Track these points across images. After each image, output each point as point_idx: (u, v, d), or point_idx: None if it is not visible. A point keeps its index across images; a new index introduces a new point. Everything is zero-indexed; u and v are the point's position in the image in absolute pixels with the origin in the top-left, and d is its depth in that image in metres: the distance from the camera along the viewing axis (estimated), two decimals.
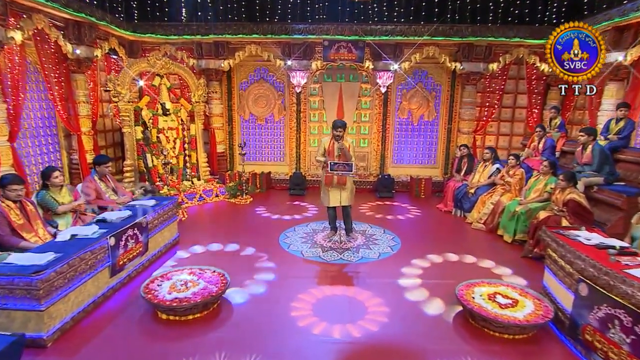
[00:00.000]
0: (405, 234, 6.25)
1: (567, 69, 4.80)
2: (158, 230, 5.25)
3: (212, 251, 5.49)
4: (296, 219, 7.00)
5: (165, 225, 5.46)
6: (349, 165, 5.32)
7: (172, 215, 5.66)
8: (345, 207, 5.68)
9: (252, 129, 9.43)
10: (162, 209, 5.37)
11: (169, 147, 7.83)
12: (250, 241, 5.82)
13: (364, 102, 9.12)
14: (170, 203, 5.63)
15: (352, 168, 5.33)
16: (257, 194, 8.68)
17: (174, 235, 5.73)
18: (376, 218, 7.06)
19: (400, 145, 9.30)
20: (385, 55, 8.24)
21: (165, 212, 5.46)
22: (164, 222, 5.40)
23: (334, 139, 5.44)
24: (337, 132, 5.36)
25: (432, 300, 4.21)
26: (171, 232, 5.65)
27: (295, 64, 8.42)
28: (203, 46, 8.43)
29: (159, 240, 5.31)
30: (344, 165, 5.35)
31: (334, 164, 5.36)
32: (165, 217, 5.44)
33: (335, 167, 5.37)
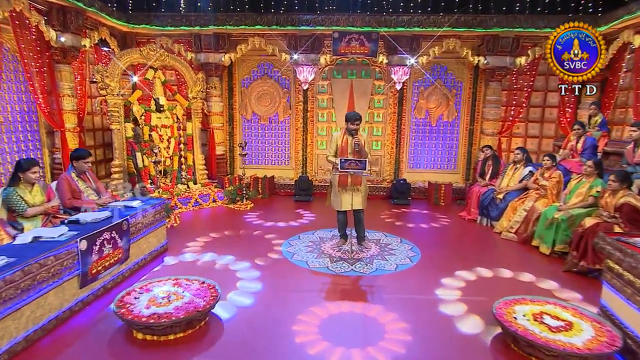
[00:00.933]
0: (425, 243, 5.74)
1: (567, 69, 4.93)
2: (142, 235, 4.77)
3: (204, 260, 5.04)
4: (301, 225, 6.55)
5: (152, 229, 4.98)
6: (362, 162, 4.81)
7: (160, 219, 5.19)
8: (358, 211, 5.22)
9: (255, 129, 9.06)
10: (149, 211, 4.91)
11: (162, 146, 7.41)
12: (248, 249, 5.39)
13: (377, 101, 8.73)
14: (158, 205, 5.16)
15: (366, 165, 4.82)
16: (259, 200, 8.26)
17: (161, 242, 5.24)
18: (391, 226, 6.60)
19: (416, 148, 8.87)
20: (400, 48, 7.83)
21: (152, 214, 4.99)
22: (150, 226, 4.93)
23: (347, 134, 5.03)
24: (353, 126, 4.93)
25: (463, 319, 3.65)
26: (159, 238, 5.17)
27: (302, 59, 8.04)
28: (202, 38, 8.08)
29: (144, 246, 4.82)
30: (357, 162, 4.84)
31: (344, 160, 4.85)
32: (151, 220, 4.97)
33: (347, 165, 4.86)
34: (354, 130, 4.94)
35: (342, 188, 5.09)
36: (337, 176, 5.09)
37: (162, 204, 5.25)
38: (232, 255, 5.18)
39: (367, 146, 5.09)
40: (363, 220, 5.32)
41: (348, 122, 4.97)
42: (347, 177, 4.99)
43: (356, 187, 5.05)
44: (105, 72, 6.62)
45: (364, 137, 5.12)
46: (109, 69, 6.69)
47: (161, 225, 5.24)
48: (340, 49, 7.84)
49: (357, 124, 4.94)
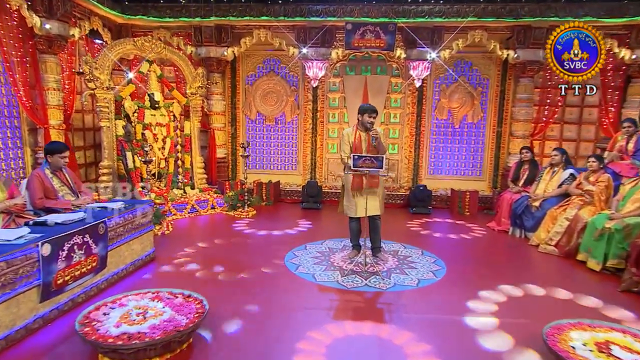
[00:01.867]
0: (450, 256, 5.23)
1: (567, 69, 5.10)
2: (124, 241, 4.34)
3: (196, 271, 4.61)
4: (308, 234, 6.10)
5: (136, 235, 4.56)
6: (378, 159, 4.33)
7: (146, 224, 4.77)
8: (374, 218, 4.79)
9: (260, 130, 8.71)
10: (133, 214, 4.48)
11: (156, 146, 7.04)
12: (246, 260, 4.96)
13: (393, 100, 8.35)
14: (144, 207, 4.72)
15: (383, 164, 4.33)
16: (262, 207, 7.85)
17: (147, 250, 4.82)
18: (411, 236, 6.12)
19: (437, 152, 8.44)
20: (420, 41, 7.43)
21: (137, 218, 4.56)
22: (133, 231, 4.51)
23: (360, 129, 4.66)
24: (370, 119, 4.56)
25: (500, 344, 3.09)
26: (144, 245, 4.74)
27: (312, 53, 7.68)
28: (203, 31, 7.78)
29: (125, 254, 4.38)
30: (372, 159, 4.36)
31: (358, 157, 4.39)
32: (136, 225, 4.55)
33: (361, 163, 4.39)
34: (370, 124, 4.55)
35: (357, 191, 4.67)
36: (350, 177, 4.69)
37: (148, 207, 4.81)
38: (226, 265, 4.74)
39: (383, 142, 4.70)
40: (379, 228, 4.89)
41: (364, 114, 4.60)
42: (362, 178, 4.58)
43: (373, 190, 4.63)
44: (94, 64, 6.29)
45: (380, 132, 4.73)
46: (98, 60, 6.37)
47: (147, 231, 4.81)
48: (353, 42, 7.46)
49: (373, 117, 4.58)
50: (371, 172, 4.46)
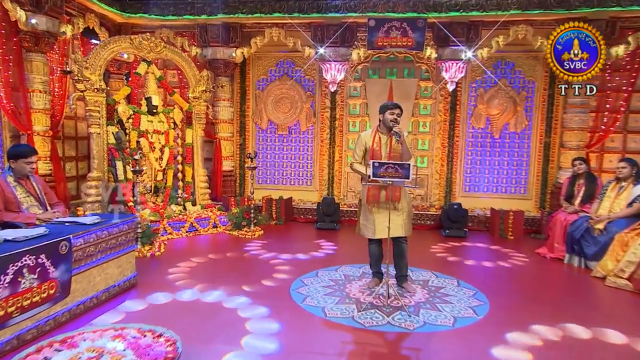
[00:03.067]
0: (493, 289, 4.57)
1: (567, 69, 5.27)
2: (95, 264, 3.85)
3: (184, 301, 4.08)
4: (321, 259, 5.57)
5: (112, 257, 4.08)
6: (403, 167, 3.75)
7: (126, 243, 4.28)
8: (398, 240, 4.25)
9: (271, 141, 8.38)
10: (108, 231, 3.97)
11: (152, 156, 6.62)
12: (244, 289, 4.39)
13: (423, 107, 7.93)
14: (124, 223, 4.23)
15: (409, 173, 3.74)
16: (272, 227, 7.39)
17: (127, 275, 4.32)
18: (444, 263, 5.51)
19: (474, 166, 7.91)
20: (454, 38, 6.95)
21: (115, 236, 4.06)
22: (109, 251, 4.03)
23: (381, 132, 4.20)
24: (392, 116, 4.09)
25: None
26: (123, 268, 4.24)
27: (330, 54, 7.31)
28: (209, 30, 7.51)
29: (97, 279, 3.88)
30: (397, 167, 3.77)
31: (379, 165, 3.82)
32: (113, 243, 4.06)
33: (382, 171, 3.82)
34: (394, 121, 4.07)
35: (375, 206, 4.16)
36: (367, 189, 4.17)
37: (130, 223, 4.31)
38: (219, 295, 4.21)
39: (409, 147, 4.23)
40: (406, 253, 4.33)
41: (385, 111, 4.14)
42: (379, 189, 4.09)
43: (395, 205, 4.10)
44: (84, 63, 5.94)
45: (406, 134, 4.27)
46: (89, 58, 6.03)
47: (128, 251, 4.31)
48: (377, 41, 7.07)
49: (397, 114, 4.10)
50: (395, 183, 3.88)
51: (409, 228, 4.23)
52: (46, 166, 6.17)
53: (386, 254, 4.13)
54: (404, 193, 4.21)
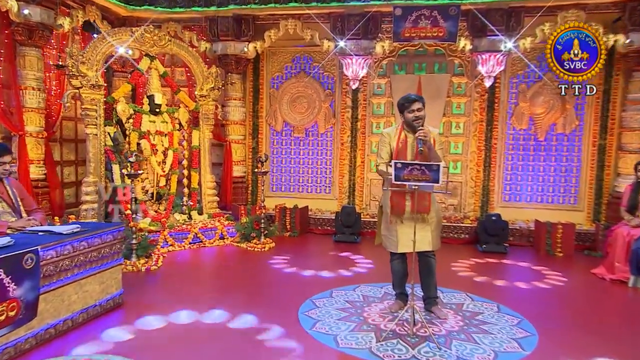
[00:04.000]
0: (541, 316, 4.05)
1: (567, 69, 5.52)
2: (71, 280, 3.52)
3: (178, 324, 3.73)
4: (338, 277, 5.15)
5: (93, 271, 3.75)
6: (432, 169, 3.32)
7: (110, 256, 3.96)
8: (426, 256, 3.88)
9: (287, 144, 8.18)
10: (88, 242, 3.65)
11: (154, 160, 6.36)
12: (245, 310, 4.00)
13: (456, 105, 7.58)
14: (108, 233, 3.91)
15: (439, 175, 3.30)
16: (285, 239, 7.09)
17: (112, 292, 4.00)
18: (480, 284, 5.03)
19: (515, 173, 7.50)
20: (492, 27, 6.56)
21: (96, 247, 3.75)
22: (89, 265, 3.71)
23: (406, 130, 3.84)
24: (411, 114, 3.72)
25: None
26: (106, 285, 3.92)
27: (352, 47, 7.05)
28: (219, 23, 7.33)
29: (73, 298, 3.55)
30: (422, 168, 3.33)
31: (403, 166, 3.40)
32: (93, 256, 3.74)
33: (406, 174, 3.39)
34: (416, 121, 3.70)
35: (398, 216, 3.79)
36: (389, 195, 3.80)
37: (116, 233, 3.97)
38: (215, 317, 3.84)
39: (438, 144, 3.86)
40: (434, 271, 3.93)
41: (403, 109, 3.80)
42: (404, 196, 3.73)
43: (422, 216, 3.73)
44: (80, 57, 5.72)
45: (435, 134, 3.89)
46: (86, 52, 5.82)
47: (113, 265, 3.99)
48: (404, 33, 6.78)
49: (418, 110, 3.73)
50: (422, 188, 3.44)
51: (437, 242, 3.86)
52: (39, 170, 6.02)
53: (412, 272, 3.67)
54: (433, 201, 3.80)
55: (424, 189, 3.48)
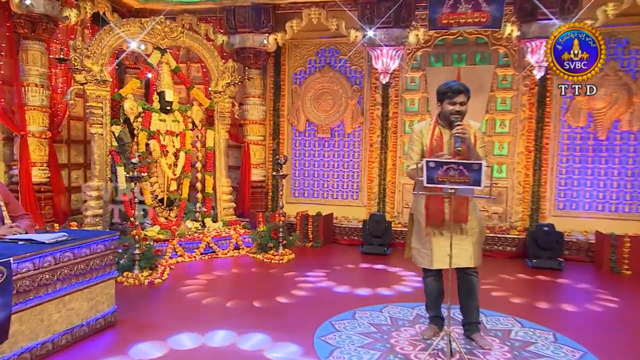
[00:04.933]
0: (610, 350, 3.59)
1: (567, 69, 5.67)
2: (52, 296, 3.24)
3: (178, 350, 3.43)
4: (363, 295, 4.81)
5: (80, 286, 3.49)
6: (471, 169, 2.97)
7: (102, 268, 3.72)
8: (466, 273, 3.55)
9: (310, 145, 8.01)
10: (73, 252, 3.42)
11: (164, 162, 6.22)
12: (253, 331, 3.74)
13: (501, 101, 7.29)
14: (99, 242, 3.69)
15: (481, 176, 2.92)
16: (307, 249, 6.92)
17: (103, 310, 3.75)
18: (531, 307, 4.62)
19: (571, 177, 7.16)
20: (545, 9, 6.20)
21: (82, 259, 3.52)
22: (76, 279, 3.44)
23: (441, 124, 3.50)
24: (452, 106, 3.35)
25: None
26: (97, 301, 3.68)
27: (382, 37, 6.80)
28: (237, 13, 7.21)
29: (55, 317, 3.30)
30: (462, 168, 2.96)
31: (435, 165, 3.02)
32: (79, 269, 3.50)
33: (441, 175, 3.06)
34: (455, 115, 3.34)
35: (434, 226, 3.44)
36: (422, 202, 3.47)
37: (108, 242, 3.73)
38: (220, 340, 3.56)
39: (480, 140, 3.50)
40: (476, 291, 3.59)
41: (443, 99, 3.44)
42: (442, 203, 3.34)
43: (460, 226, 3.38)
44: (85, 50, 5.61)
45: (476, 129, 3.53)
46: (91, 45, 5.72)
47: (104, 279, 3.74)
48: (441, 19, 6.55)
49: (460, 102, 3.38)
50: (460, 191, 3.06)
51: (479, 256, 3.48)
52: (42, 173, 5.93)
53: (449, 291, 3.28)
54: (473, 208, 3.41)
55: (462, 192, 3.06)
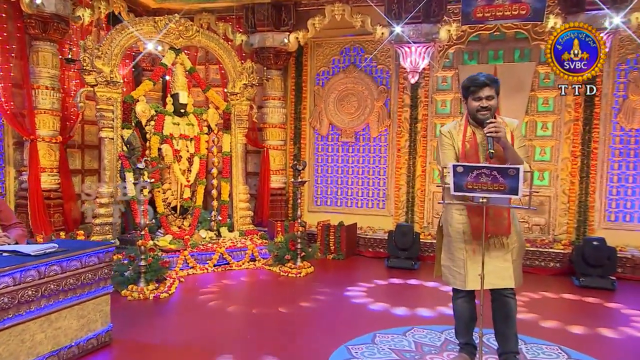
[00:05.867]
0: None
1: (567, 69, 5.87)
2: (36, 314, 3.01)
3: None
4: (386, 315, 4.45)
5: (68, 302, 3.25)
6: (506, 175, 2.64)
7: (96, 283, 3.49)
8: (502, 294, 3.14)
9: (333, 150, 7.78)
10: (61, 266, 3.20)
11: (177, 168, 6.04)
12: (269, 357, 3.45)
13: (543, 101, 6.94)
14: (92, 254, 3.46)
15: (519, 183, 2.56)
16: (327, 262, 6.63)
17: (96, 330, 3.51)
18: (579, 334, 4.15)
19: (624, 185, 6.70)
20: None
21: (72, 273, 3.30)
22: (64, 295, 3.21)
23: (472, 123, 3.10)
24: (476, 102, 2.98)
25: None
26: (88, 320, 3.45)
27: (410, 33, 6.52)
28: (256, 11, 7.06)
29: (39, 338, 3.08)
30: (496, 173, 2.60)
31: (465, 170, 2.67)
32: (69, 284, 3.28)
33: (470, 181, 2.71)
34: (482, 112, 2.98)
35: (467, 241, 3.06)
36: (454, 214, 3.11)
37: (102, 254, 3.50)
38: None
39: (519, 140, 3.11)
40: (514, 316, 3.19)
41: (467, 94, 3.06)
42: (481, 213, 2.86)
43: (501, 240, 3.01)
44: (96, 51, 5.49)
45: (514, 127, 3.12)
46: (102, 45, 5.61)
47: (98, 294, 3.51)
48: (475, 13, 6.30)
49: (489, 99, 2.98)
50: (494, 201, 2.70)
51: (519, 275, 3.07)
52: (52, 179, 5.83)
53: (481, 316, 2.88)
54: (513, 218, 3.00)
55: (496, 202, 2.67)
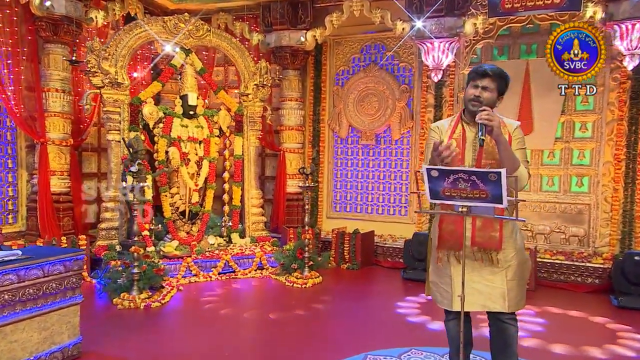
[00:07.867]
0: None
1: (567, 69, 5.90)
2: None
3: None
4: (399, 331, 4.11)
5: (29, 313, 3.08)
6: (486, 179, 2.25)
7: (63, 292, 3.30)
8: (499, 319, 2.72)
9: (353, 153, 7.40)
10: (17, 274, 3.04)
11: (185, 171, 5.86)
12: None
13: (581, 100, 6.34)
14: (58, 262, 3.27)
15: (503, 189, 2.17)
16: (340, 271, 6.26)
17: (62, 342, 3.31)
18: None
19: None
20: None
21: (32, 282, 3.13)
22: (24, 306, 3.05)
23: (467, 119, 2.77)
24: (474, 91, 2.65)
25: None
26: (52, 332, 3.25)
27: (433, 27, 6.15)
28: (273, 9, 6.79)
29: None
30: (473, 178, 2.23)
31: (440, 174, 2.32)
32: (29, 294, 3.11)
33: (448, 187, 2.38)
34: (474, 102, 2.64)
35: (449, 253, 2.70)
36: (435, 223, 2.82)
37: (70, 262, 3.30)
38: None
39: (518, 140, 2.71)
40: (514, 345, 2.78)
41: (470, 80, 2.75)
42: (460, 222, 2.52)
43: (489, 254, 2.62)
44: (103, 52, 5.40)
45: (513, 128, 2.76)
46: (109, 46, 5.50)
47: (63, 305, 3.32)
48: (504, 4, 5.94)
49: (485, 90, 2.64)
50: (475, 210, 2.30)
51: (517, 298, 2.62)
52: (62, 183, 5.76)
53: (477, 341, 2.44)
54: (511, 232, 2.59)
55: (477, 211, 2.24)
